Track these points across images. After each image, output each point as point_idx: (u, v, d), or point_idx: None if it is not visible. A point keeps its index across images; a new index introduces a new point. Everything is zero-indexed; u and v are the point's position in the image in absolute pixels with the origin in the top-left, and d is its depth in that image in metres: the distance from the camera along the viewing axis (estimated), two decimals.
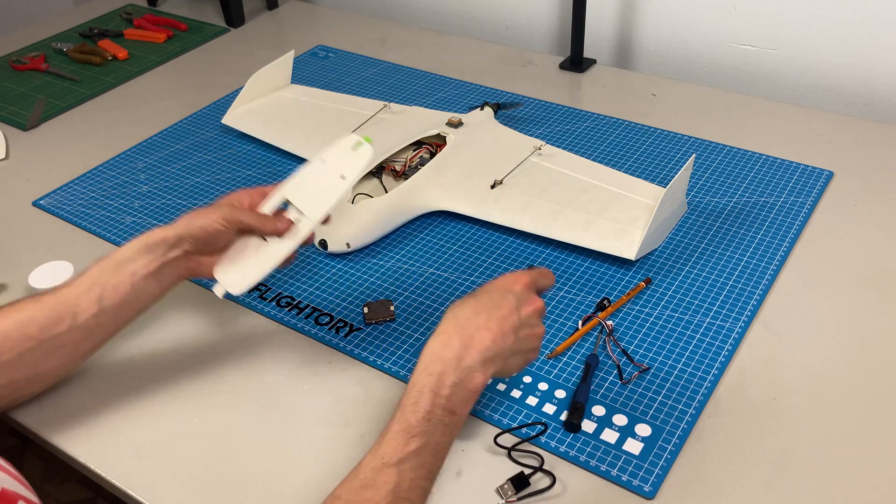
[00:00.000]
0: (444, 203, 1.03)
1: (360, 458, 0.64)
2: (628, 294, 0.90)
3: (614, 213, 0.97)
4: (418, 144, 1.11)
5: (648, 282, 0.92)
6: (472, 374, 0.65)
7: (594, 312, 0.88)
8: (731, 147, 1.14)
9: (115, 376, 0.84)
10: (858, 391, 0.78)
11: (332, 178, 0.80)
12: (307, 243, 0.82)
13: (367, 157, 0.80)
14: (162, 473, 0.75)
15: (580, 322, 0.87)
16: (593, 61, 1.40)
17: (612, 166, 1.08)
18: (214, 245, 0.79)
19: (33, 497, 0.61)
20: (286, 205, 0.81)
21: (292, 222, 0.80)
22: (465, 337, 0.66)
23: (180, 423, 0.79)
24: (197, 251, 0.79)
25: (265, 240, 0.80)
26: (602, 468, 0.72)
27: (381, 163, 1.06)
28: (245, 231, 0.80)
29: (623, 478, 0.71)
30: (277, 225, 0.79)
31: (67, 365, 0.79)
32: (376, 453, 0.61)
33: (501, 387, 0.81)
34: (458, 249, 1.00)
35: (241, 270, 0.80)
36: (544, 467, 0.72)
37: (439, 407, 0.63)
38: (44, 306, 0.74)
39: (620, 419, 0.77)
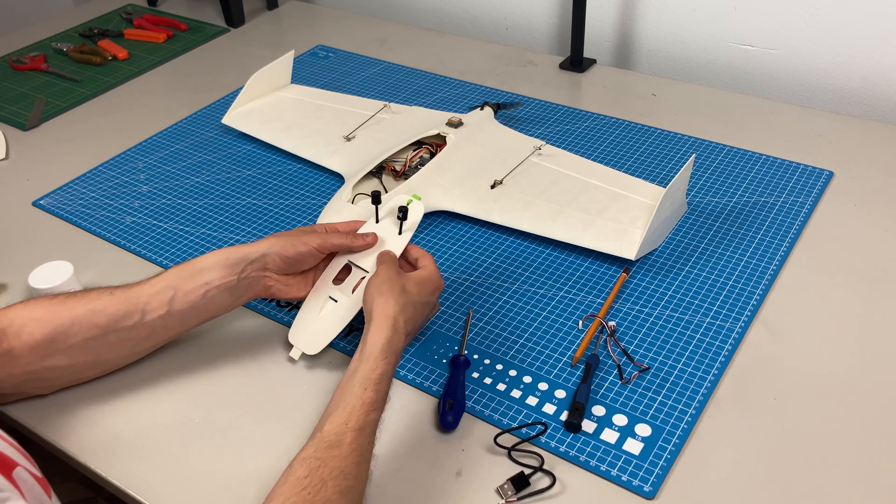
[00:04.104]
0: (444, 203, 1.03)
1: None
2: (614, 290, 0.90)
3: (614, 213, 0.97)
4: (418, 144, 1.11)
5: (627, 272, 0.92)
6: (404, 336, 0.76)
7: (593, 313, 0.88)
8: (731, 147, 1.14)
9: (115, 376, 0.84)
10: (858, 391, 0.78)
11: (391, 236, 0.85)
12: None
13: (421, 211, 0.87)
14: (162, 473, 0.75)
15: (580, 322, 0.87)
16: (593, 61, 1.40)
17: (612, 166, 1.08)
18: (299, 268, 0.83)
19: (34, 469, 0.62)
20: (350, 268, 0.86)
21: (377, 236, 0.85)
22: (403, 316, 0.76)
23: (180, 424, 0.79)
24: (280, 272, 0.82)
25: (335, 300, 0.83)
26: (602, 468, 0.72)
27: (381, 163, 1.06)
28: (336, 253, 0.85)
29: (623, 478, 0.71)
30: (366, 240, 0.84)
31: (129, 357, 0.82)
32: (339, 420, 0.67)
33: (501, 387, 0.81)
34: (458, 249, 1.00)
35: (315, 332, 0.83)
36: (544, 467, 0.72)
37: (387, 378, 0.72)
38: (115, 299, 0.78)
39: (620, 419, 0.77)
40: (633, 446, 0.74)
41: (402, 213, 0.85)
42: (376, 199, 0.86)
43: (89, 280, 0.97)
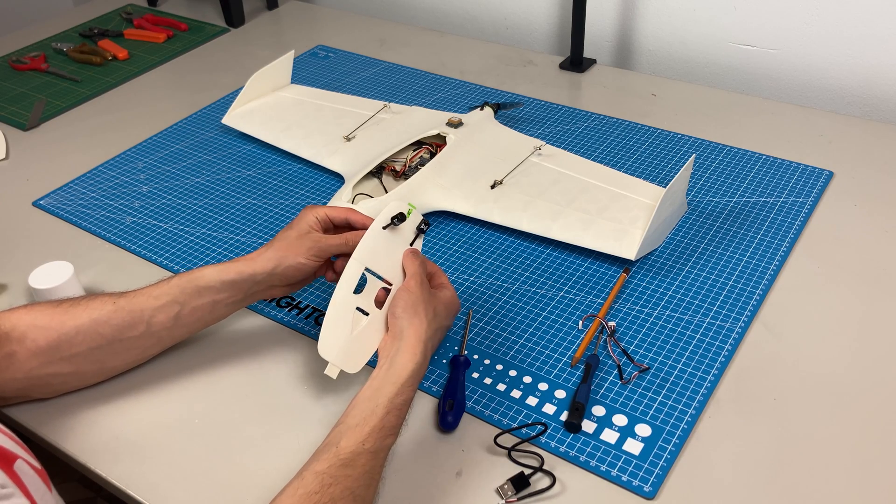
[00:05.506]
0: (444, 203, 1.03)
1: None
2: (614, 290, 0.90)
3: (614, 213, 0.97)
4: (418, 144, 1.11)
5: (627, 272, 0.92)
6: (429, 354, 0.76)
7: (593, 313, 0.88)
8: (731, 147, 1.14)
9: (115, 376, 0.84)
10: (858, 391, 0.78)
11: (399, 246, 0.82)
12: None
13: (418, 217, 0.85)
14: (162, 473, 0.75)
15: (580, 322, 0.87)
16: (593, 61, 1.40)
17: (612, 166, 1.08)
18: (301, 279, 0.83)
19: (34, 461, 0.62)
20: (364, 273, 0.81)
21: (369, 220, 0.82)
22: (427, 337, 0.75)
23: (180, 424, 0.79)
24: (284, 284, 0.83)
25: (365, 313, 0.78)
26: (602, 468, 0.72)
27: (381, 163, 1.06)
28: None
29: (623, 478, 0.71)
30: (356, 238, 0.80)
31: (134, 363, 0.83)
32: (356, 439, 0.66)
33: (501, 387, 0.81)
34: (458, 249, 1.00)
35: (354, 349, 0.77)
36: (544, 467, 0.72)
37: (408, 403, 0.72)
38: (120, 310, 0.77)
39: (620, 419, 0.77)
40: (633, 446, 0.74)
41: (399, 218, 0.82)
42: (401, 220, 0.82)
43: (89, 280, 0.97)
